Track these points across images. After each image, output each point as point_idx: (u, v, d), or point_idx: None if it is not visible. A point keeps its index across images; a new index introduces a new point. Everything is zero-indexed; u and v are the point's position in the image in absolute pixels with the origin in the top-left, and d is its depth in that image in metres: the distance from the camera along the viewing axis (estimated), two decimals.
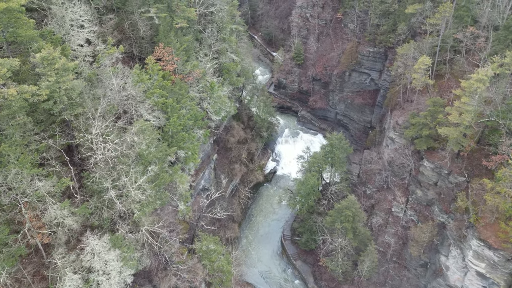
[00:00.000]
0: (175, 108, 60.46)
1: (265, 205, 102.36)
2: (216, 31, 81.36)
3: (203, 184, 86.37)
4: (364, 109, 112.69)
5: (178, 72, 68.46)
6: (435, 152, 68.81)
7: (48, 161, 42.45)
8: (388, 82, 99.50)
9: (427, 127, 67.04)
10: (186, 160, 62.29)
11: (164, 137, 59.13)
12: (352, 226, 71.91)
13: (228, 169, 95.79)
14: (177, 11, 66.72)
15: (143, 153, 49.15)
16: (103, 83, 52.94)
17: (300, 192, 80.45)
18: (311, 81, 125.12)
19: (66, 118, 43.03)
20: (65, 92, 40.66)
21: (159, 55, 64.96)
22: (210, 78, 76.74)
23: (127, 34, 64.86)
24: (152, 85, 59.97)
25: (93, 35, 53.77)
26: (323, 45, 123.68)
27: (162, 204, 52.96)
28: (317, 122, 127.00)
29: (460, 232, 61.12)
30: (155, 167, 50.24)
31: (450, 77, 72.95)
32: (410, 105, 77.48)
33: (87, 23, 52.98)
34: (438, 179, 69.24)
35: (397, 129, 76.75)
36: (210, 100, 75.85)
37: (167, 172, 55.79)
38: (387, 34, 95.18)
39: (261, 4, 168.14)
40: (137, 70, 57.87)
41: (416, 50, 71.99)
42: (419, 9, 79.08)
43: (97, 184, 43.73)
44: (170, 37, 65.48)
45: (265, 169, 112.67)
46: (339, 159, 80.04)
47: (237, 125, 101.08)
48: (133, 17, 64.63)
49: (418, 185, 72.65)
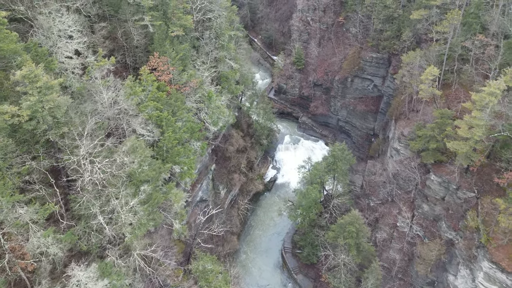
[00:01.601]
0: (170, 121, 57.49)
1: (265, 216, 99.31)
2: (214, 37, 78.38)
3: (201, 195, 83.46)
4: (366, 116, 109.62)
5: (174, 82, 65.52)
6: (443, 165, 65.82)
7: (31, 185, 39.48)
8: (392, 89, 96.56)
9: (435, 139, 64.07)
10: (181, 175, 59.34)
11: (158, 152, 56.16)
12: (356, 242, 68.92)
13: (227, 179, 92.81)
14: (173, 19, 63.74)
15: (135, 172, 46.19)
16: (93, 97, 50.04)
17: (302, 204, 77.46)
18: (312, 87, 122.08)
19: (51, 139, 40.05)
20: (48, 111, 37.68)
21: (153, 65, 62.07)
22: (208, 87, 73.81)
23: (120, 43, 61.87)
24: (146, 97, 57.05)
25: (83, 46, 50.81)
26: (324, 50, 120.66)
27: (155, 225, 50.01)
28: (318, 128, 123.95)
29: (470, 252, 58.13)
30: (147, 186, 47.29)
31: (458, 87, 69.92)
32: (416, 115, 74.50)
33: (77, 34, 50.04)
34: (445, 194, 66.26)
35: (402, 140, 73.76)
36: (207, 110, 72.86)
37: (161, 190, 52.83)
38: (391, 40, 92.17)
39: (261, 6, 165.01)
40: (130, 82, 54.89)
41: (422, 58, 68.95)
42: (424, 15, 76.07)
43: (85, 208, 40.77)
44: (166, 46, 62.59)
45: (265, 178, 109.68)
46: (342, 171, 77.06)
47: (236, 133, 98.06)
48: (127, 25, 61.64)
49: (424, 199, 69.66)
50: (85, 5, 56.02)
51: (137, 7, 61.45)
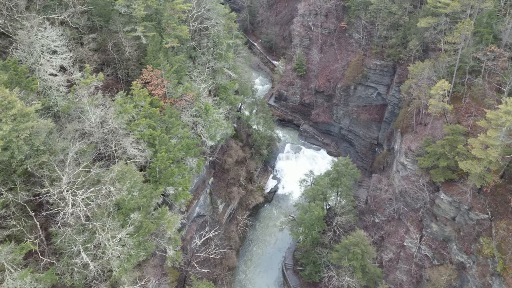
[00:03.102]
0: (163, 139, 53.81)
1: (265, 230, 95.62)
2: (212, 46, 74.65)
3: (198, 211, 79.86)
4: (370, 125, 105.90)
5: (169, 96, 61.85)
6: (454, 184, 62.11)
7: (8, 220, 35.82)
8: (397, 98, 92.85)
9: (445, 157, 60.38)
10: (176, 197, 55.63)
11: (150, 173, 52.50)
12: (361, 264, 65.27)
13: (225, 192, 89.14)
14: (167, 29, 60.02)
15: (123, 200, 42.50)
16: (80, 116, 46.41)
17: (304, 222, 73.74)
18: (313, 94, 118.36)
19: (29, 168, 36.38)
20: (25, 141, 34.00)
21: (146, 79, 58.41)
22: (205, 99, 70.09)
23: (111, 55, 58.16)
24: (138, 114, 53.38)
25: (69, 61, 47.10)
26: (326, 56, 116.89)
27: (147, 254, 46.31)
28: (320, 136, 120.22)
29: (484, 279, 54.45)
30: (138, 215, 43.61)
31: (468, 100, 66.16)
32: (424, 129, 70.76)
33: (61, 48, 46.33)
34: (456, 214, 62.54)
35: (410, 156, 70.00)
36: (205, 124, 69.12)
37: (153, 215, 49.14)
38: (396, 47, 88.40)
39: (261, 10, 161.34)
40: (120, 98, 51.22)
41: (431, 70, 65.20)
42: (432, 23, 72.28)
43: (67, 244, 37.10)
44: (159, 58, 58.88)
45: (265, 188, 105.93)
46: (346, 187, 73.34)
47: (235, 143, 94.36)
48: (118, 37, 57.93)
49: (433, 219, 65.96)
50: (72, 16, 52.34)
51: (128, 17, 57.77)
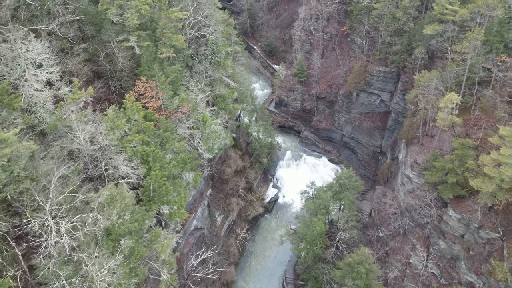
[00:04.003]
0: (157, 156, 50.99)
1: (265, 242, 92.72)
2: (210, 54, 71.82)
3: (196, 224, 77.14)
4: (373, 133, 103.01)
5: (164, 108, 59.05)
6: (463, 200, 59.28)
7: None
8: (401, 105, 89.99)
9: (454, 172, 57.54)
10: (171, 216, 52.81)
11: (143, 192, 49.66)
12: (365, 284, 62.37)
13: (224, 204, 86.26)
14: (162, 39, 57.18)
15: (113, 226, 39.66)
16: (68, 134, 43.61)
17: (305, 237, 70.88)
18: (314, 100, 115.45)
19: (9, 196, 33.56)
20: (2, 168, 31.18)
21: (140, 90, 55.61)
22: (203, 109, 67.31)
23: (103, 66, 55.33)
24: (130, 130, 50.53)
25: (56, 75, 44.30)
26: (328, 61, 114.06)
27: (139, 281, 43.48)
28: (321, 143, 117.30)
29: None
30: (129, 240, 40.79)
31: (478, 111, 63.30)
32: (431, 141, 67.92)
33: (48, 61, 43.53)
34: (465, 232, 59.71)
35: (416, 169, 67.15)
36: (202, 136, 66.31)
37: (145, 238, 46.31)
38: (401, 54, 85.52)
39: (261, 13, 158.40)
40: (111, 113, 48.36)
41: (438, 80, 62.34)
42: (439, 30, 69.44)
43: (50, 278, 34.25)
44: (154, 69, 56.08)
45: (265, 198, 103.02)
46: (349, 201, 70.48)
47: (234, 153, 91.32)
48: (111, 47, 55.13)
49: (441, 236, 63.11)
50: (61, 26, 49.53)
51: (121, 26, 54.96)
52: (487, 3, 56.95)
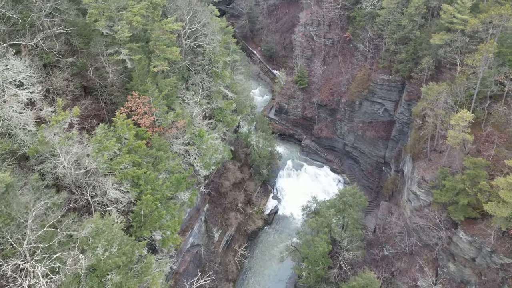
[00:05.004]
0: (149, 178, 47.63)
1: (264, 261, 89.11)
2: (207, 64, 68.48)
3: (192, 241, 73.85)
4: (377, 143, 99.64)
5: (158, 124, 55.69)
6: (475, 222, 55.93)
7: None
8: (406, 116, 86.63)
9: (465, 193, 54.17)
10: (163, 241, 49.42)
11: (134, 218, 46.30)
12: None
13: (222, 219, 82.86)
14: (156, 51, 53.79)
15: (98, 261, 36.30)
16: (52, 158, 40.28)
17: (307, 257, 67.53)
18: (316, 108, 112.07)
19: None
20: None
21: (132, 106, 52.27)
22: (199, 123, 63.94)
23: (93, 80, 51.96)
24: (120, 150, 47.15)
25: (39, 93, 40.95)
26: (329, 68, 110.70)
27: None
28: (323, 152, 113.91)
29: None
30: (116, 276, 37.42)
31: (489, 127, 59.95)
32: (439, 156, 64.54)
33: (30, 79, 40.19)
34: (477, 255, 56.37)
35: (424, 186, 63.79)
36: (198, 151, 62.91)
37: (135, 269, 42.89)
38: (406, 63, 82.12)
39: (261, 16, 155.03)
40: (100, 132, 45.00)
41: (448, 95, 58.96)
42: (447, 40, 66.10)
43: None
44: (147, 84, 52.73)
45: (265, 210, 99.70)
46: (354, 219, 67.12)
47: (233, 164, 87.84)
48: (100, 60, 51.74)
49: (450, 258, 59.79)
50: (46, 39, 46.17)
51: (112, 38, 51.58)
52: (500, 13, 53.61)
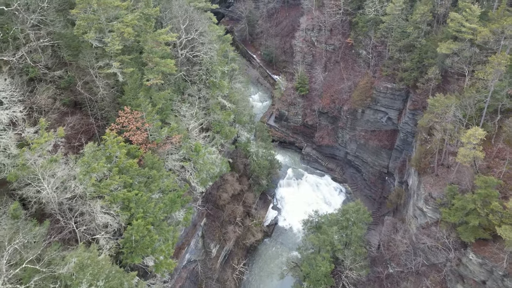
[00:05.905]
0: (140, 201, 44.72)
1: (264, 272, 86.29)
2: (204, 74, 65.55)
3: (189, 257, 71.14)
4: (380, 152, 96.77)
5: (151, 139, 52.77)
6: (485, 243, 53.03)
7: None
8: (411, 126, 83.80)
9: (476, 214, 51.28)
10: (157, 267, 46.50)
11: (124, 244, 43.38)
12: None
13: (220, 233, 79.94)
14: (149, 64, 50.85)
15: None
16: (32, 184, 37.40)
17: (309, 276, 64.63)
18: (317, 115, 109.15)
19: None
20: None
21: (123, 122, 49.35)
22: (195, 137, 61.08)
23: (82, 95, 49.07)
24: (110, 170, 44.24)
25: (21, 113, 38.07)
26: (330, 74, 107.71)
27: None
28: (324, 161, 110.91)
29: None
30: None
31: (500, 142, 57.06)
32: (447, 172, 61.66)
33: (11, 98, 37.32)
34: (487, 278, 53.46)
35: (431, 203, 60.91)
36: (195, 166, 59.99)
37: None
38: (411, 71, 79.18)
39: (261, 20, 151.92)
40: (88, 152, 42.13)
41: (456, 108, 56.06)
42: (455, 49, 63.23)
43: None
44: (139, 98, 49.80)
45: (265, 221, 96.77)
46: (357, 237, 64.21)
47: (231, 176, 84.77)
48: (90, 73, 48.83)
49: (459, 279, 56.88)
50: (31, 52, 43.29)
51: (102, 50, 48.67)
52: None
